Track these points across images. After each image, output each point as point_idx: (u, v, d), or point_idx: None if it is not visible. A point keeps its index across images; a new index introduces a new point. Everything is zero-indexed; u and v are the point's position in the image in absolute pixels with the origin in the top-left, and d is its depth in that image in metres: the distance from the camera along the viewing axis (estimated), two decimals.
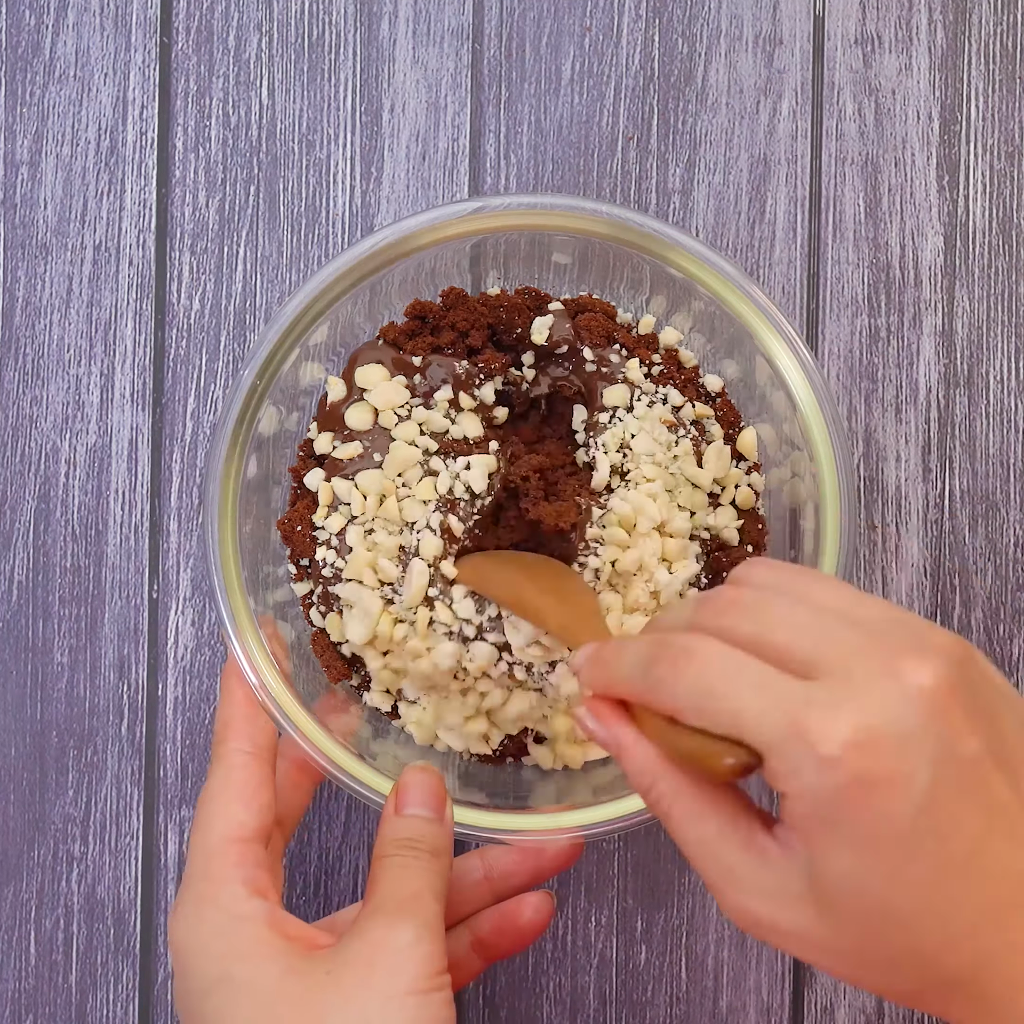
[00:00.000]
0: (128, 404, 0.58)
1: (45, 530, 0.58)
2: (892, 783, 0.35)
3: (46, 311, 0.58)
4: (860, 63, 0.58)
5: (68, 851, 0.58)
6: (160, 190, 0.58)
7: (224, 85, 0.59)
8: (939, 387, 0.58)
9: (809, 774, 0.35)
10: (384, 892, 0.45)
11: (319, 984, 0.43)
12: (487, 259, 0.55)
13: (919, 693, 0.36)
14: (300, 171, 0.58)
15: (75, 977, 0.58)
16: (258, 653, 0.51)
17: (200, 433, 0.58)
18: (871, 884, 0.36)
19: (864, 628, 0.38)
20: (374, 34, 0.58)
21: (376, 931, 0.44)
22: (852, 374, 0.58)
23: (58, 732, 0.58)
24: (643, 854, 0.58)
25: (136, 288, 0.58)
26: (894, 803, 0.35)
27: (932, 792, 0.35)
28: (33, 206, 0.58)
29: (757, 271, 0.58)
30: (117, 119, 0.58)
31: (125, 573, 0.58)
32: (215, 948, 0.44)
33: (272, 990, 0.43)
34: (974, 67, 0.58)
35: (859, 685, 0.36)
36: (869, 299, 0.58)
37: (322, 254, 0.58)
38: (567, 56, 0.58)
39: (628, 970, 0.58)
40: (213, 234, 0.58)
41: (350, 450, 0.53)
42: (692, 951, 0.58)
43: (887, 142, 0.58)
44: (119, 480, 0.58)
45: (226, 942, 0.44)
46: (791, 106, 0.58)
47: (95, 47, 0.58)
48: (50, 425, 0.58)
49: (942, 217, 0.58)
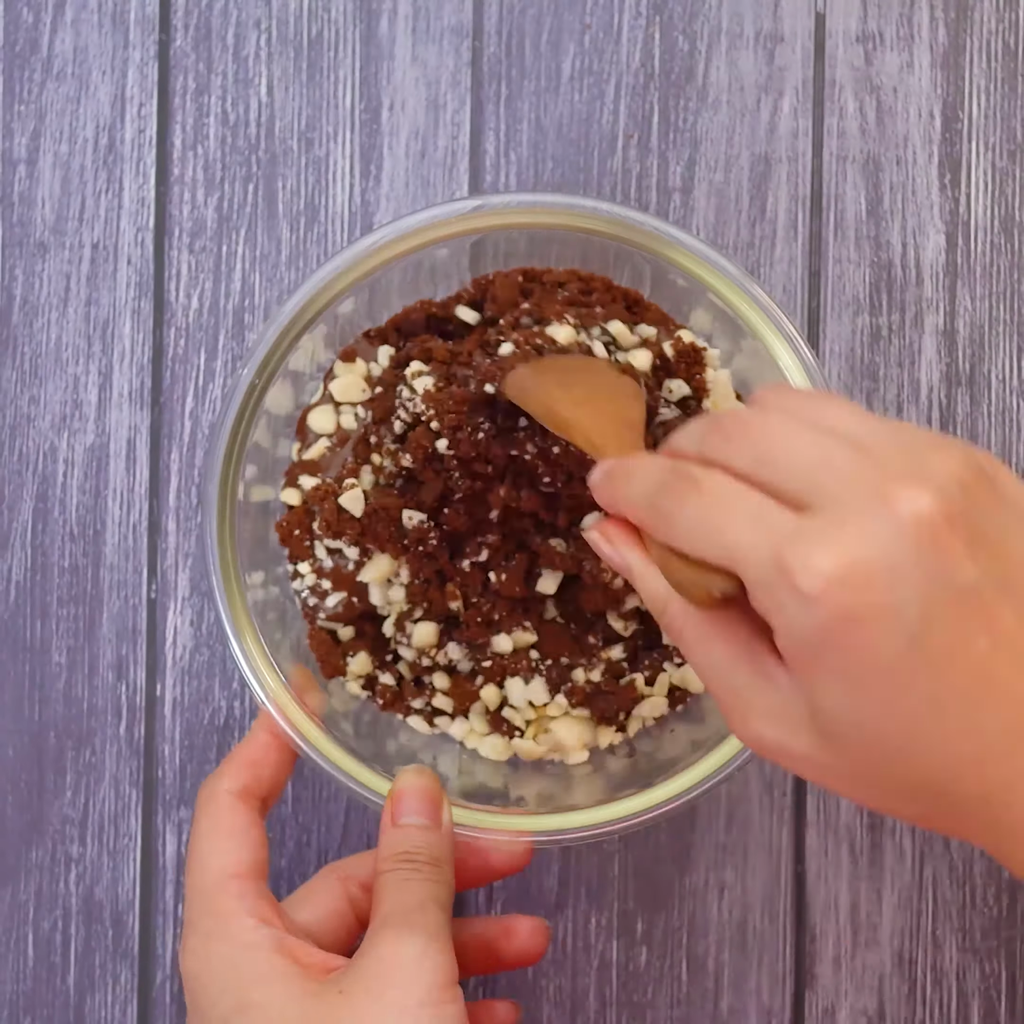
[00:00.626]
0: (126, 403, 0.58)
1: (43, 530, 0.58)
2: (877, 618, 0.34)
3: (44, 310, 0.58)
4: (861, 60, 0.58)
5: (66, 852, 0.57)
6: (158, 188, 0.58)
7: (223, 83, 0.58)
8: (941, 386, 0.58)
9: (792, 610, 0.34)
10: (388, 907, 0.45)
11: (334, 1003, 0.43)
12: (487, 257, 0.55)
13: (911, 521, 0.34)
14: (299, 169, 0.58)
15: (73, 979, 0.58)
16: (256, 653, 0.50)
17: (199, 432, 0.58)
18: (865, 717, 0.35)
19: (869, 453, 0.36)
20: (373, 31, 0.58)
21: (384, 946, 0.44)
22: (853, 373, 0.58)
23: (56, 733, 0.58)
24: (644, 856, 0.57)
25: (134, 287, 0.58)
26: (881, 638, 0.34)
27: (924, 624, 0.34)
28: (31, 204, 0.58)
29: (758, 270, 0.58)
30: (115, 117, 0.58)
31: (123, 573, 0.58)
32: (230, 978, 0.44)
33: (290, 1012, 0.43)
34: (976, 65, 0.58)
35: (848, 515, 0.34)
36: (870, 298, 0.58)
37: (321, 252, 0.58)
38: (567, 53, 0.58)
39: (629, 972, 0.57)
40: (212, 232, 0.58)
41: (314, 452, 0.53)
42: (693, 953, 0.58)
43: (888, 140, 0.58)
44: (117, 480, 0.58)
45: (240, 972, 0.44)
46: (792, 104, 0.58)
47: (93, 44, 0.58)
48: (48, 424, 0.58)
49: (944, 215, 0.58)
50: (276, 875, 0.57)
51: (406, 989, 0.43)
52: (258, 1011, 0.43)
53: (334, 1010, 0.43)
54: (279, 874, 0.57)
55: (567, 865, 0.58)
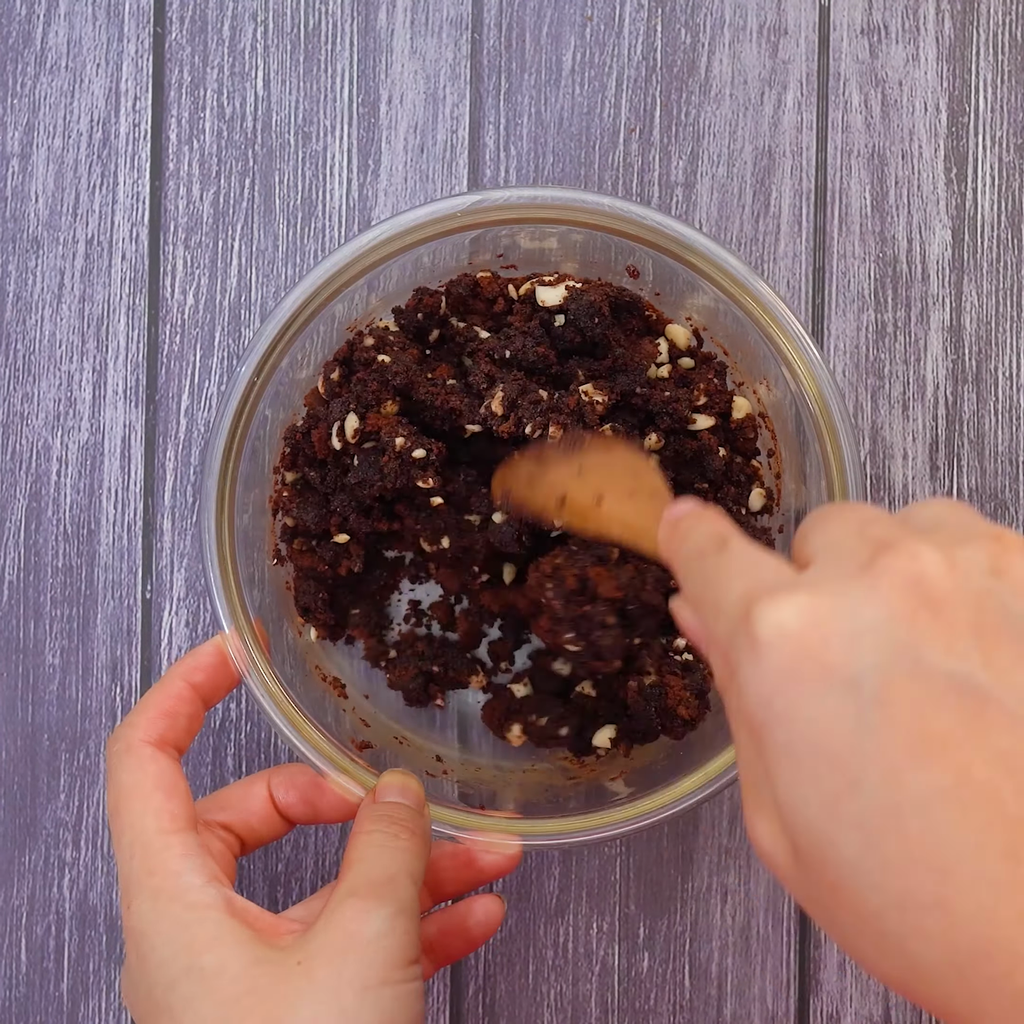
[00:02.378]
0: (121, 401, 0.57)
1: (36, 529, 0.57)
2: (826, 683, 0.28)
3: (37, 306, 0.57)
4: (866, 53, 0.57)
5: (60, 856, 0.57)
6: (153, 183, 0.58)
7: (219, 76, 0.58)
8: (947, 383, 0.57)
9: (745, 665, 0.30)
10: (358, 874, 0.43)
11: (290, 975, 0.41)
12: (487, 253, 0.54)
13: (905, 582, 0.29)
14: (296, 164, 0.57)
15: (67, 985, 0.57)
16: (255, 652, 0.50)
17: (194, 430, 0.57)
18: (811, 813, 0.28)
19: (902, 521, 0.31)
20: (371, 24, 0.57)
21: (349, 918, 0.42)
22: (858, 370, 0.57)
23: (49, 735, 0.57)
24: (645, 859, 0.57)
25: (129, 283, 0.57)
26: (828, 709, 0.28)
27: (881, 704, 0.27)
28: (24, 199, 0.57)
29: (762, 265, 0.57)
30: (110, 111, 0.58)
31: (118, 573, 0.57)
32: (181, 940, 0.42)
33: (241, 980, 0.41)
34: (983, 57, 0.57)
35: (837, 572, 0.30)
36: (876, 294, 0.57)
37: (318, 248, 0.57)
38: (568, 46, 0.58)
39: (630, 978, 0.57)
40: (207, 228, 0.57)
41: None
42: (695, 958, 0.57)
43: (894, 134, 0.57)
44: (112, 478, 0.57)
45: (190, 933, 0.42)
46: (796, 97, 0.57)
47: (87, 37, 0.58)
48: (41, 422, 0.57)
49: (950, 210, 0.57)
50: (273, 880, 0.57)
51: (369, 966, 0.41)
52: (210, 977, 0.41)
53: (291, 981, 0.41)
54: (276, 879, 0.57)
55: (568, 869, 0.57)
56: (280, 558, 0.54)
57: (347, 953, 0.41)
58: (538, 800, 0.53)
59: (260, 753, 0.57)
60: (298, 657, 0.54)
